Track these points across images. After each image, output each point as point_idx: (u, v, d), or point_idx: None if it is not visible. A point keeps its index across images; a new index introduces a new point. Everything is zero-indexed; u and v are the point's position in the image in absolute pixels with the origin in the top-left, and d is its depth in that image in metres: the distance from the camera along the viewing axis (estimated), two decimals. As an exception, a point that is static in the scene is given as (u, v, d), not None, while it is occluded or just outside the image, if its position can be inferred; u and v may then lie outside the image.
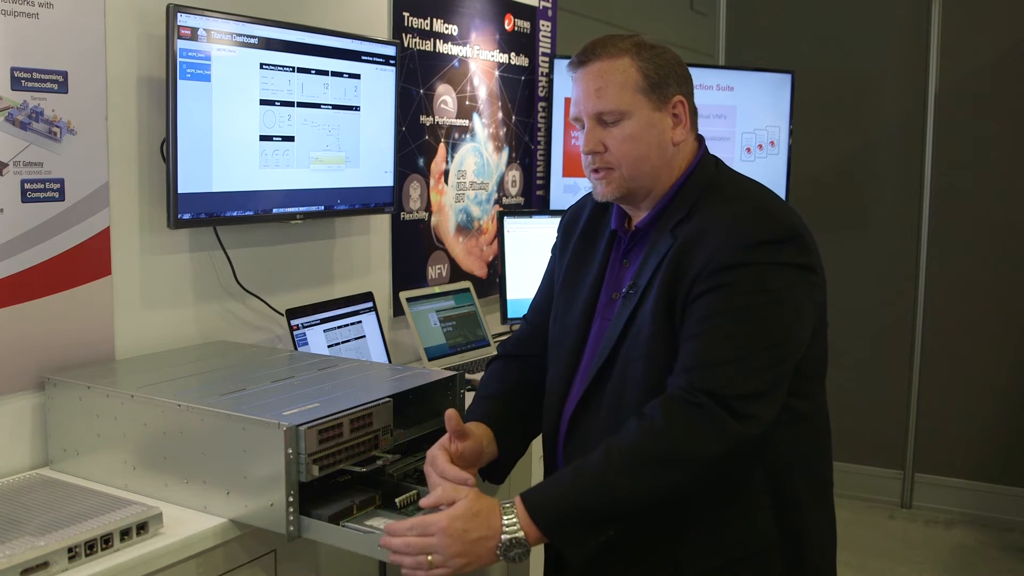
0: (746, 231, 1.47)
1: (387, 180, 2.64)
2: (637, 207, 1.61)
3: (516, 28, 3.39)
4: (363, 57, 2.49)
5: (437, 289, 2.91)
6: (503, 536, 1.38)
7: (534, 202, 3.60)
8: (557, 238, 1.80)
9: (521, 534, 1.38)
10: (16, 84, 1.79)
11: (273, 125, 2.24)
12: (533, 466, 2.28)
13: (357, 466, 1.60)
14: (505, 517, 1.39)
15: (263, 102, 2.21)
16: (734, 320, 1.43)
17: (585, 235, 1.71)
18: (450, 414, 1.56)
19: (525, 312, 1.85)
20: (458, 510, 1.40)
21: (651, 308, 1.49)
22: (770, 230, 1.48)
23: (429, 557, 1.37)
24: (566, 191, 3.60)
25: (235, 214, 2.19)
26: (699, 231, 1.49)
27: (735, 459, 1.43)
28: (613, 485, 1.39)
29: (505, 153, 3.38)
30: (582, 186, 3.60)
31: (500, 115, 3.32)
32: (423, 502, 1.48)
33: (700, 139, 1.64)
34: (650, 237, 1.57)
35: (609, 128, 1.54)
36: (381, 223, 2.83)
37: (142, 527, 1.48)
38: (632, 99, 1.53)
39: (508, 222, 3.15)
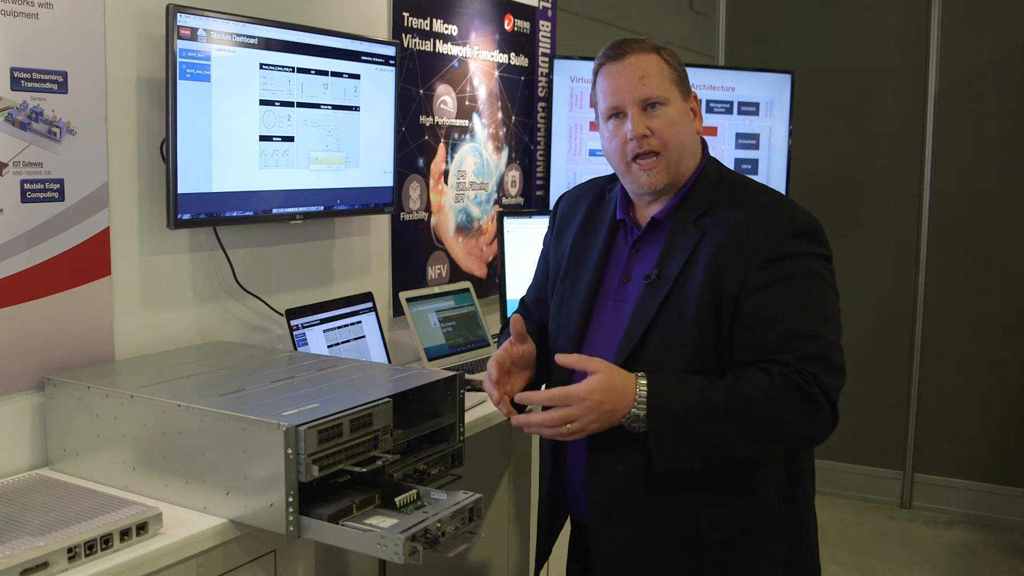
0: (783, 223, 1.60)
1: (387, 180, 2.64)
2: (659, 198, 1.70)
3: (516, 28, 3.39)
4: (363, 57, 2.49)
5: (437, 289, 2.91)
6: (632, 410, 1.52)
7: (534, 202, 3.60)
8: (550, 228, 1.89)
9: (644, 414, 1.52)
10: (16, 84, 1.79)
11: (273, 125, 2.24)
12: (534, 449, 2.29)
13: (357, 466, 1.60)
14: (637, 395, 1.52)
15: (263, 102, 2.21)
16: (813, 314, 1.58)
17: (585, 226, 1.80)
18: (515, 318, 1.68)
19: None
20: (596, 384, 1.52)
21: (696, 296, 1.58)
22: (802, 223, 1.62)
23: (568, 426, 1.52)
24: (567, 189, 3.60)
25: (235, 214, 2.19)
26: (734, 225, 1.61)
27: (813, 444, 1.62)
28: (721, 421, 1.51)
29: (505, 153, 3.38)
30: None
31: (500, 115, 3.32)
32: (559, 358, 1.58)
33: (703, 139, 1.75)
34: (668, 227, 1.67)
35: (652, 114, 1.64)
36: (381, 223, 2.83)
37: (142, 527, 1.48)
38: (669, 88, 1.66)
39: (508, 222, 3.15)
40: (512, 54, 3.38)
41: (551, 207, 3.53)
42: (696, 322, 1.57)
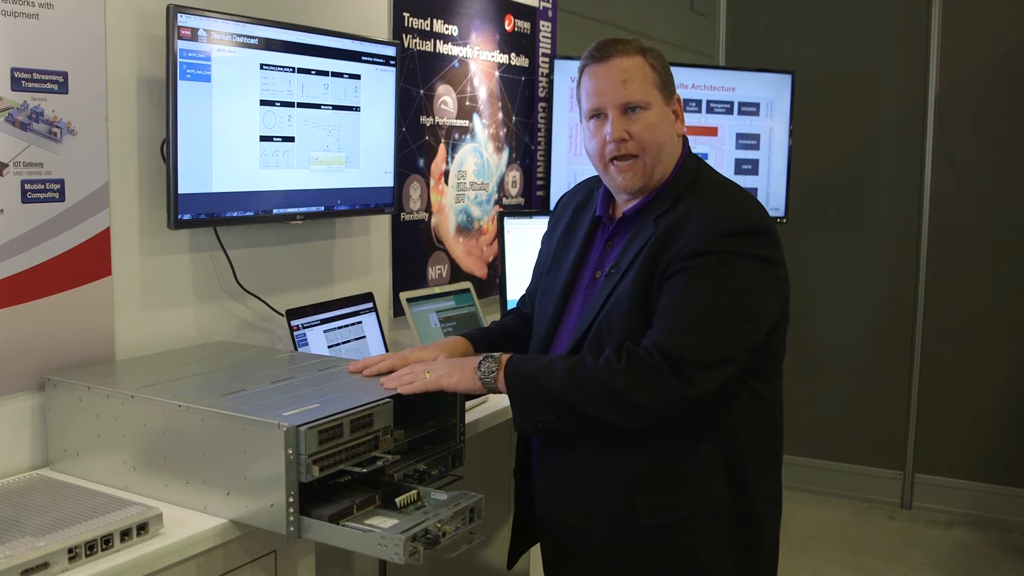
0: (718, 223, 1.64)
1: (387, 181, 2.64)
2: (635, 197, 1.77)
3: (516, 29, 3.39)
4: (363, 58, 2.49)
5: (437, 290, 2.91)
6: (482, 358, 1.71)
7: (534, 203, 3.60)
8: (547, 228, 2.01)
9: (496, 366, 1.69)
10: (16, 84, 1.79)
11: (273, 126, 2.24)
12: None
13: (357, 466, 1.60)
14: (485, 357, 1.72)
15: (263, 102, 2.21)
16: (696, 297, 1.62)
17: (571, 223, 1.90)
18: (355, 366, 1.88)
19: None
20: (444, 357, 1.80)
21: (630, 286, 1.66)
22: (740, 223, 1.65)
23: (427, 373, 1.72)
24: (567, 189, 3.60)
25: (235, 214, 2.19)
26: (678, 220, 1.67)
27: (670, 415, 1.63)
28: (568, 391, 1.63)
29: (505, 154, 3.38)
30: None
31: (500, 116, 3.32)
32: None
33: (684, 138, 1.80)
34: (635, 224, 1.74)
35: (632, 117, 1.70)
36: (381, 223, 2.83)
37: (142, 528, 1.48)
38: (651, 92, 1.71)
39: (508, 223, 3.15)
40: (512, 54, 3.38)
41: (552, 207, 3.56)
42: (627, 310, 1.66)
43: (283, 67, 2.25)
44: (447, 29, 3.03)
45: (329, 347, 2.42)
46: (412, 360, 1.81)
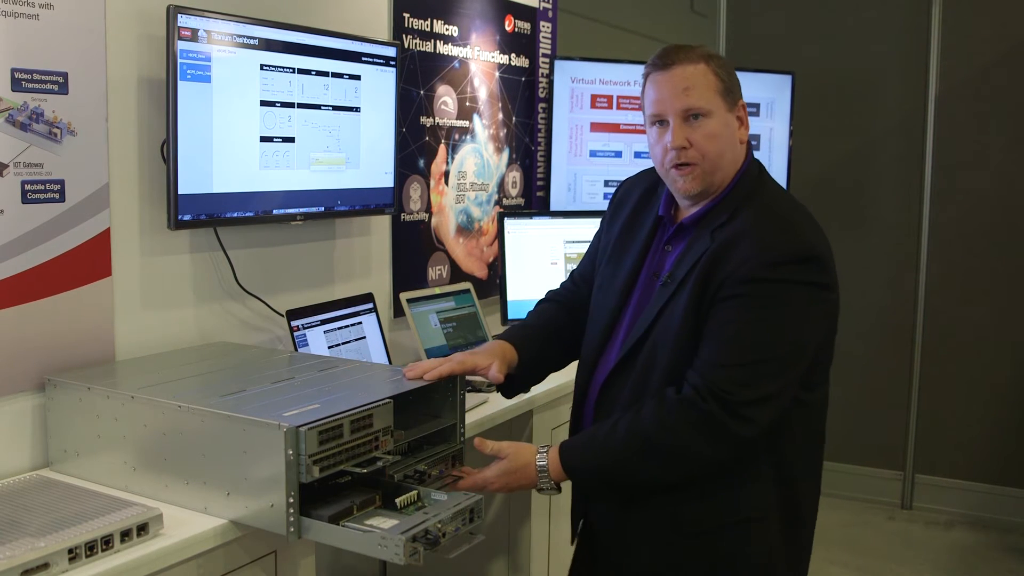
0: (772, 248, 1.62)
1: (387, 181, 2.64)
2: (696, 202, 1.75)
3: (516, 29, 3.39)
4: (363, 58, 2.49)
5: (437, 290, 2.91)
6: (539, 484, 1.73)
7: (534, 203, 3.60)
8: (607, 211, 1.97)
9: (552, 483, 1.72)
10: (16, 85, 1.79)
11: (273, 126, 2.24)
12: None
13: (357, 467, 1.60)
14: (540, 472, 1.72)
15: (263, 103, 2.21)
16: (749, 329, 1.61)
17: (634, 214, 1.87)
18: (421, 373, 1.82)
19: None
20: (501, 469, 1.74)
21: (683, 303, 1.66)
22: (794, 249, 1.63)
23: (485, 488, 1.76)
24: (568, 191, 3.61)
25: (235, 215, 2.19)
26: (733, 238, 1.65)
27: (732, 456, 1.64)
28: (630, 466, 1.66)
29: (505, 154, 3.38)
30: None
31: (500, 116, 3.32)
32: (477, 444, 1.78)
33: (748, 144, 1.79)
34: (693, 232, 1.72)
35: (693, 125, 1.68)
36: (381, 224, 2.83)
37: (142, 528, 1.49)
38: (714, 100, 1.69)
39: (508, 223, 3.15)
40: (513, 55, 3.38)
41: (551, 208, 3.57)
42: (681, 328, 1.65)
43: (283, 68, 2.25)
44: (447, 30, 3.03)
45: (329, 348, 2.42)
46: (469, 365, 1.83)
